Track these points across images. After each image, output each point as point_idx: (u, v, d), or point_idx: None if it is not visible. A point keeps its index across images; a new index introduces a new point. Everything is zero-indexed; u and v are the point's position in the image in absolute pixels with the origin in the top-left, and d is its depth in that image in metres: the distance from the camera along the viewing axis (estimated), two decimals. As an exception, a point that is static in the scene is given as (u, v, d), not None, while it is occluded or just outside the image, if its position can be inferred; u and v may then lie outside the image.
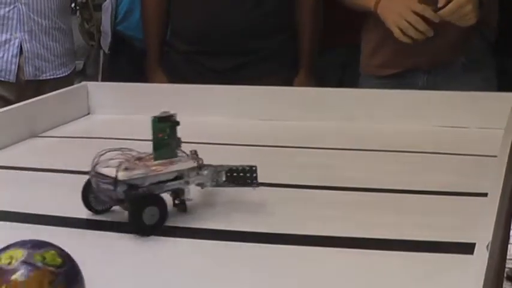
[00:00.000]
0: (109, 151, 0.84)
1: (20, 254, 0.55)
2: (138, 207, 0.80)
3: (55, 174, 1.06)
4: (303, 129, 1.25)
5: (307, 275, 0.73)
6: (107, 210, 0.87)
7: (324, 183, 0.98)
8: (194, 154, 0.86)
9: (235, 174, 0.87)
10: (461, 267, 0.71)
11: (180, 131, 0.86)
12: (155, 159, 0.84)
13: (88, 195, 0.86)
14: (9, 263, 0.55)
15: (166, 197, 0.84)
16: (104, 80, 2.02)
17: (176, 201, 0.86)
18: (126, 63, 2.09)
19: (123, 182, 0.81)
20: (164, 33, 1.88)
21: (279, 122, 1.29)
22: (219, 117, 0.93)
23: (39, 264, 0.55)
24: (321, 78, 1.79)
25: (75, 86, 1.46)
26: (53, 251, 0.56)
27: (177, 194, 0.86)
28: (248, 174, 0.88)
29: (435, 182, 0.97)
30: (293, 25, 1.80)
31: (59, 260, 0.56)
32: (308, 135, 1.22)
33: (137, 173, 0.82)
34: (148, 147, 0.85)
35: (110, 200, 0.84)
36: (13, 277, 0.54)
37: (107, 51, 2.13)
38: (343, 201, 0.93)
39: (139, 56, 1.97)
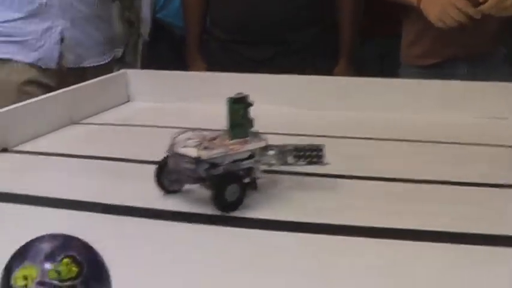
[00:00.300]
0: (183, 132, 0.86)
1: (35, 273, 0.54)
2: (222, 185, 0.83)
3: (95, 161, 1.07)
4: (341, 119, 1.25)
5: (341, 265, 0.73)
6: (178, 190, 0.90)
7: (361, 173, 0.98)
8: (260, 134, 0.89)
9: (301, 153, 0.91)
10: (494, 260, 0.71)
11: (218, 119, 0.87)
12: (231, 138, 0.86)
13: (162, 175, 0.89)
14: (25, 285, 0.53)
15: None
16: (143, 67, 2.03)
17: (246, 180, 0.87)
18: (165, 50, 2.10)
19: (205, 161, 0.84)
20: (204, 21, 1.89)
21: (317, 111, 1.29)
22: (256, 105, 0.94)
23: (56, 282, 0.53)
24: (359, 69, 1.79)
25: (115, 73, 1.47)
26: (67, 260, 0.54)
27: (248, 173, 0.87)
28: (315, 153, 0.90)
29: (472, 173, 0.97)
30: (325, 19, 1.81)
31: (74, 270, 0.54)
32: (346, 125, 1.22)
33: (217, 152, 0.84)
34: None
35: (189, 179, 0.87)
36: None
37: (146, 38, 2.14)
38: (380, 192, 0.93)
39: (178, 43, 1.98)
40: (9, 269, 0.55)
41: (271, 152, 0.89)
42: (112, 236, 0.80)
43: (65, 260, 0.54)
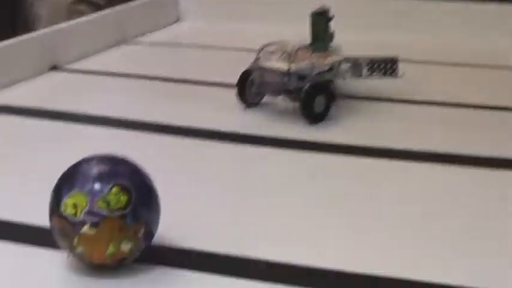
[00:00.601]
0: (267, 45, 0.88)
1: (84, 201, 0.53)
2: (310, 97, 0.85)
3: (145, 80, 1.06)
4: (395, 43, 1.22)
5: (393, 188, 0.72)
6: (258, 103, 0.92)
7: (408, 96, 0.96)
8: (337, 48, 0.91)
9: (376, 65, 0.91)
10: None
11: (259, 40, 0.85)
12: (313, 51, 0.89)
13: (244, 89, 0.91)
14: (75, 214, 0.53)
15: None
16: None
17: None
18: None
19: (294, 73, 0.85)
20: None
21: (367, 35, 1.26)
22: (298, 27, 0.93)
23: (105, 212, 0.53)
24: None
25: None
26: (115, 189, 0.53)
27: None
28: (389, 65, 0.91)
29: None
30: None
31: (123, 200, 0.53)
32: (400, 49, 1.19)
33: (305, 64, 0.86)
34: (238, 57, 0.84)
35: (275, 92, 0.88)
36: (83, 230, 0.53)
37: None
38: (429, 116, 0.91)
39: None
40: (58, 193, 0.55)
41: (346, 65, 0.91)
42: (164, 156, 0.79)
43: (114, 190, 0.54)
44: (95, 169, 0.55)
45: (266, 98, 0.92)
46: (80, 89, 1.04)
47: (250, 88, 0.91)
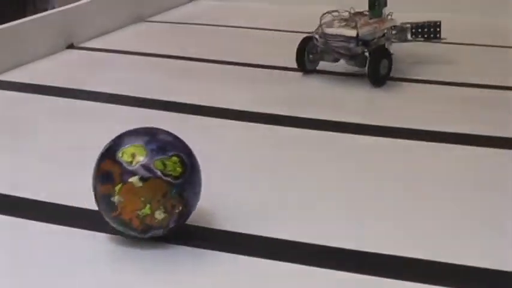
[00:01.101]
0: (326, 13, 0.91)
1: (143, 154, 0.54)
2: (377, 60, 0.90)
3: (161, 58, 1.06)
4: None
5: (411, 169, 0.71)
6: (315, 70, 0.96)
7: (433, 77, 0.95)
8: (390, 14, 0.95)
9: (420, 30, 0.95)
10: None
11: (288, 22, 0.84)
12: (370, 17, 0.93)
13: (303, 55, 0.94)
14: (131, 162, 0.54)
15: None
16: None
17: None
18: None
19: (360, 38, 0.90)
20: None
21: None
22: (319, 5, 0.92)
23: (158, 172, 0.54)
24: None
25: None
26: (175, 158, 0.55)
27: None
28: (432, 29, 0.95)
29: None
30: None
31: (179, 170, 0.54)
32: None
33: (368, 29, 0.90)
34: (253, 35, 0.83)
35: (339, 57, 0.92)
36: (130, 179, 0.53)
37: None
38: (455, 97, 0.90)
39: None
40: (120, 141, 0.56)
41: (393, 31, 0.95)
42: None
43: (174, 158, 0.55)
44: (162, 136, 0.56)
45: (321, 65, 0.95)
46: (96, 67, 1.04)
47: (309, 55, 0.94)
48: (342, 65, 0.95)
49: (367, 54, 0.91)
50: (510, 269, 0.54)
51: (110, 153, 0.55)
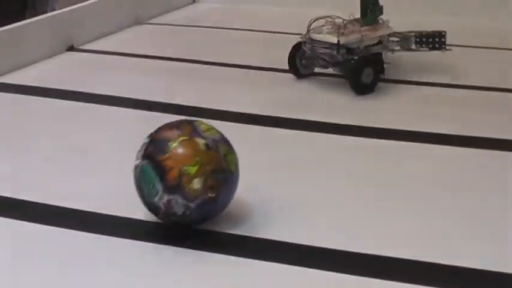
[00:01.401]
0: (317, 19, 0.90)
1: (217, 133, 0.58)
2: (358, 69, 0.88)
3: (159, 61, 1.06)
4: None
5: (407, 169, 0.71)
6: (308, 75, 0.95)
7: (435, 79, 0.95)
8: (387, 21, 0.92)
9: (424, 39, 0.92)
10: None
11: (290, 23, 0.84)
12: (362, 24, 0.90)
13: (295, 61, 0.94)
14: (205, 131, 0.57)
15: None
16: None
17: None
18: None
19: (343, 46, 0.88)
20: None
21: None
22: (321, 9, 0.92)
23: (222, 153, 0.57)
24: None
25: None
26: (236, 158, 0.59)
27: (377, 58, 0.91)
28: (437, 39, 0.92)
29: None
30: None
31: (233, 168, 0.58)
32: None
33: (354, 37, 0.88)
34: (253, 38, 0.84)
35: (325, 63, 0.90)
36: (197, 139, 0.56)
37: None
38: (454, 99, 0.91)
39: None
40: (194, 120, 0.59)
41: (394, 39, 0.92)
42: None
43: (235, 157, 0.59)
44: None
45: (317, 70, 0.94)
46: (96, 69, 1.04)
47: (301, 60, 0.94)
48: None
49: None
50: (501, 270, 0.55)
51: (189, 121, 0.59)
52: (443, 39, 0.93)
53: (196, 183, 0.55)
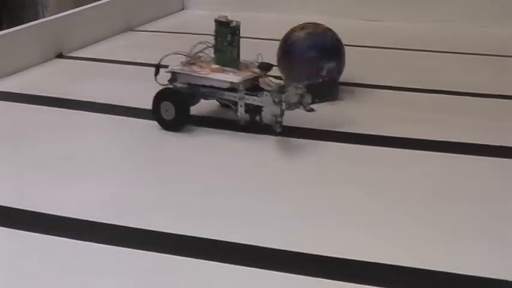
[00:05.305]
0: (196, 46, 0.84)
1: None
2: (156, 100, 0.82)
3: (150, 68, 1.06)
4: (399, 30, 1.22)
5: (392, 176, 0.72)
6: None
7: (420, 85, 0.96)
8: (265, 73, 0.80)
9: (315, 92, 0.79)
10: None
11: (269, 29, 0.84)
12: (215, 62, 0.82)
13: None
14: None
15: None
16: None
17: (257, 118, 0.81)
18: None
19: (169, 71, 0.82)
20: None
21: (375, 22, 1.26)
22: (310, 15, 0.92)
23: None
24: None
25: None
26: None
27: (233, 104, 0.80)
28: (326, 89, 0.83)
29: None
30: None
31: None
32: (405, 37, 1.19)
33: (179, 68, 0.82)
34: (242, 45, 0.83)
35: None
36: None
37: None
38: (439, 104, 0.91)
39: None
40: None
41: (265, 94, 0.77)
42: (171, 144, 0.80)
43: None
44: None
45: None
46: (86, 76, 1.04)
47: None
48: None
49: None
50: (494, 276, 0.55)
51: None
52: (336, 89, 0.85)
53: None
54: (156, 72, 0.83)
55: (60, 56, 1.10)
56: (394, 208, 0.66)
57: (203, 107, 0.86)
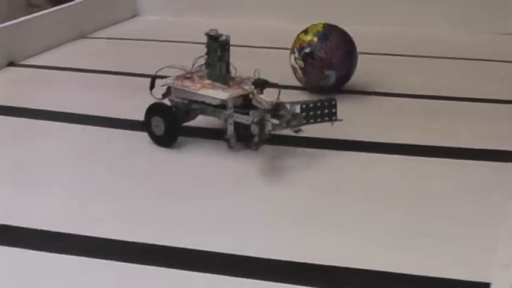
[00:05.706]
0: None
1: None
2: (147, 115, 0.80)
3: (103, 75, 1.05)
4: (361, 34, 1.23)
5: (363, 180, 0.72)
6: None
7: (381, 89, 0.97)
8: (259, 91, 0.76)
9: (311, 112, 0.76)
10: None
11: (236, 35, 0.83)
12: (207, 77, 0.79)
13: None
14: None
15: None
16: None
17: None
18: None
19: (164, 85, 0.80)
20: None
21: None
22: (275, 20, 0.91)
23: None
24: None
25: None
26: None
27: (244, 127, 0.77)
28: (326, 110, 0.77)
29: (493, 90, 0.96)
30: None
31: None
32: (368, 40, 1.20)
33: (171, 82, 0.80)
34: (196, 51, 0.83)
35: None
36: None
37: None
38: (401, 107, 0.92)
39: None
40: None
41: (254, 114, 0.74)
42: (124, 148, 0.79)
43: None
44: None
45: None
46: (38, 84, 1.03)
47: None
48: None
49: None
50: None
51: None
52: (333, 110, 0.77)
53: None
54: (152, 86, 0.81)
55: (11, 64, 1.08)
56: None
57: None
